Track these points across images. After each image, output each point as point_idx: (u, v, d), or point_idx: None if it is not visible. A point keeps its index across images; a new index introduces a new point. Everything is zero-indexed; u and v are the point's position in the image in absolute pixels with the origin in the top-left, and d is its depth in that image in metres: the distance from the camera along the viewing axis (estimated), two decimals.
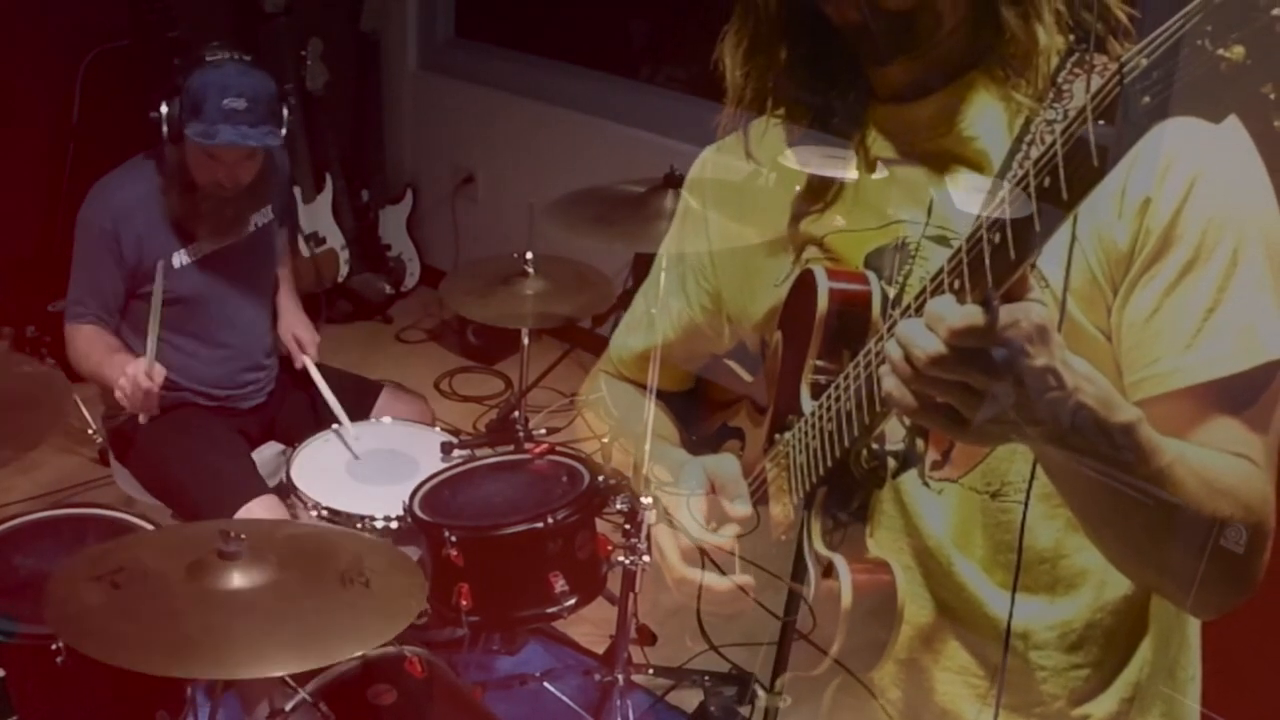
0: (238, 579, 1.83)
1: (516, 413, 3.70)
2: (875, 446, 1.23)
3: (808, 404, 1.34)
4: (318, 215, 4.95)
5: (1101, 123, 0.88)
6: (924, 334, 1.00)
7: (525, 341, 3.49)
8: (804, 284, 1.36)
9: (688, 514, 1.50)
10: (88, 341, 3.01)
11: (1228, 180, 1.22)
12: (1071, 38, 1.28)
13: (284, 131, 2.99)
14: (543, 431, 3.13)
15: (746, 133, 1.47)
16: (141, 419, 2.87)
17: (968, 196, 1.30)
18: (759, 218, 1.52)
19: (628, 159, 3.93)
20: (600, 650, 3.01)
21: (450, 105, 5.40)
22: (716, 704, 1.56)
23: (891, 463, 1.23)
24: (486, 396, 4.82)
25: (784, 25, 1.36)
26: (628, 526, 2.20)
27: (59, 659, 1.97)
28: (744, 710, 1.46)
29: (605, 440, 1.91)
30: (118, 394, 2.81)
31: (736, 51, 1.39)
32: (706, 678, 1.57)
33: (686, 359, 1.71)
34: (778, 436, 1.42)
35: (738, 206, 1.56)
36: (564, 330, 4.49)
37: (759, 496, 1.47)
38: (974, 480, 1.35)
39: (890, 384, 1.05)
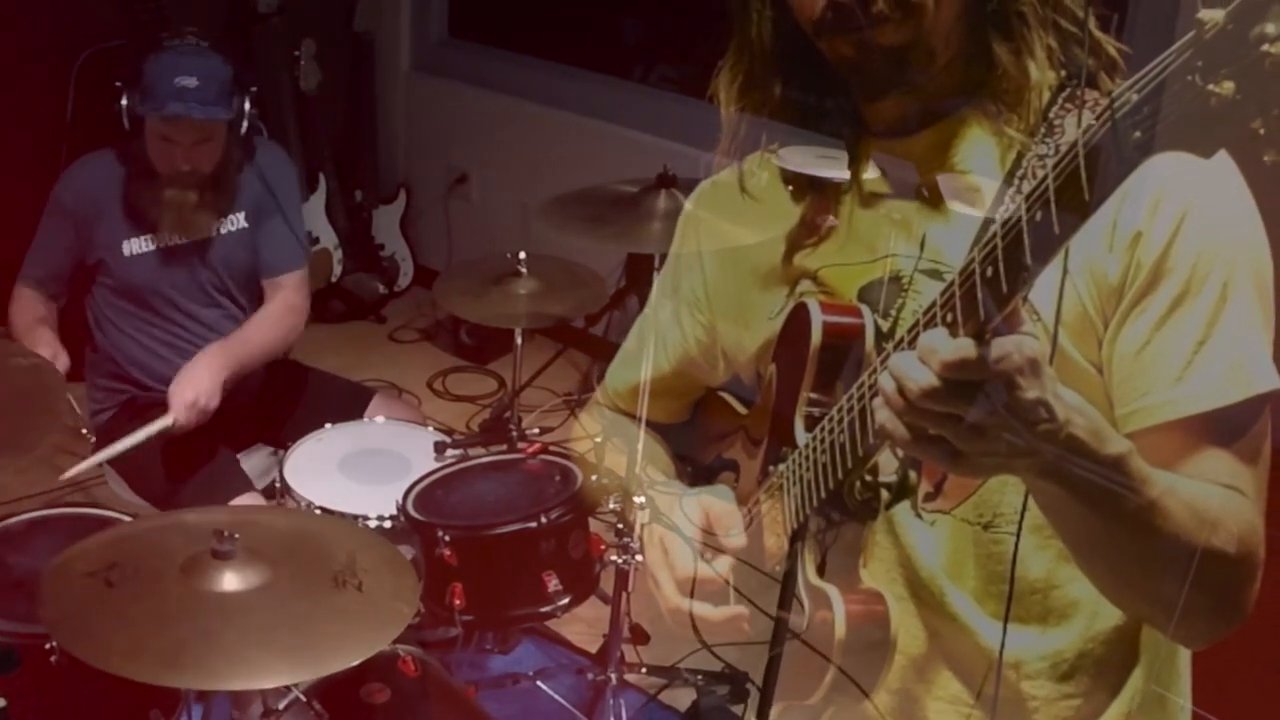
0: (231, 580, 1.83)
1: (509, 412, 3.71)
2: (868, 478, 1.23)
3: (802, 436, 1.35)
4: (311, 215, 4.95)
5: (1093, 157, 0.88)
6: (916, 367, 1.00)
7: (518, 341, 3.49)
8: (798, 317, 1.38)
9: (681, 514, 1.51)
10: (24, 304, 3.11)
11: (1218, 214, 1.23)
12: (1063, 73, 1.29)
13: (244, 120, 3.02)
14: (536, 431, 3.14)
15: (741, 168, 1.49)
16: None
17: (960, 231, 1.31)
18: (753, 252, 1.53)
19: (621, 159, 3.94)
20: (593, 649, 3.01)
21: (444, 105, 5.40)
22: (709, 703, 1.57)
23: (884, 494, 1.23)
24: (479, 396, 4.83)
25: (778, 61, 1.38)
26: (620, 526, 2.21)
27: (53, 658, 1.97)
28: (737, 709, 1.47)
29: (598, 440, 1.92)
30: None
31: (731, 87, 1.41)
32: (699, 677, 1.57)
33: (682, 392, 1.72)
34: (772, 468, 1.42)
35: (732, 240, 1.57)
36: (557, 330, 4.51)
37: (753, 528, 1.48)
38: (966, 512, 1.37)
39: (883, 416, 1.06)
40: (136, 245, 3.06)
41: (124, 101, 2.94)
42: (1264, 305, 1.25)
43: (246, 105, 3.00)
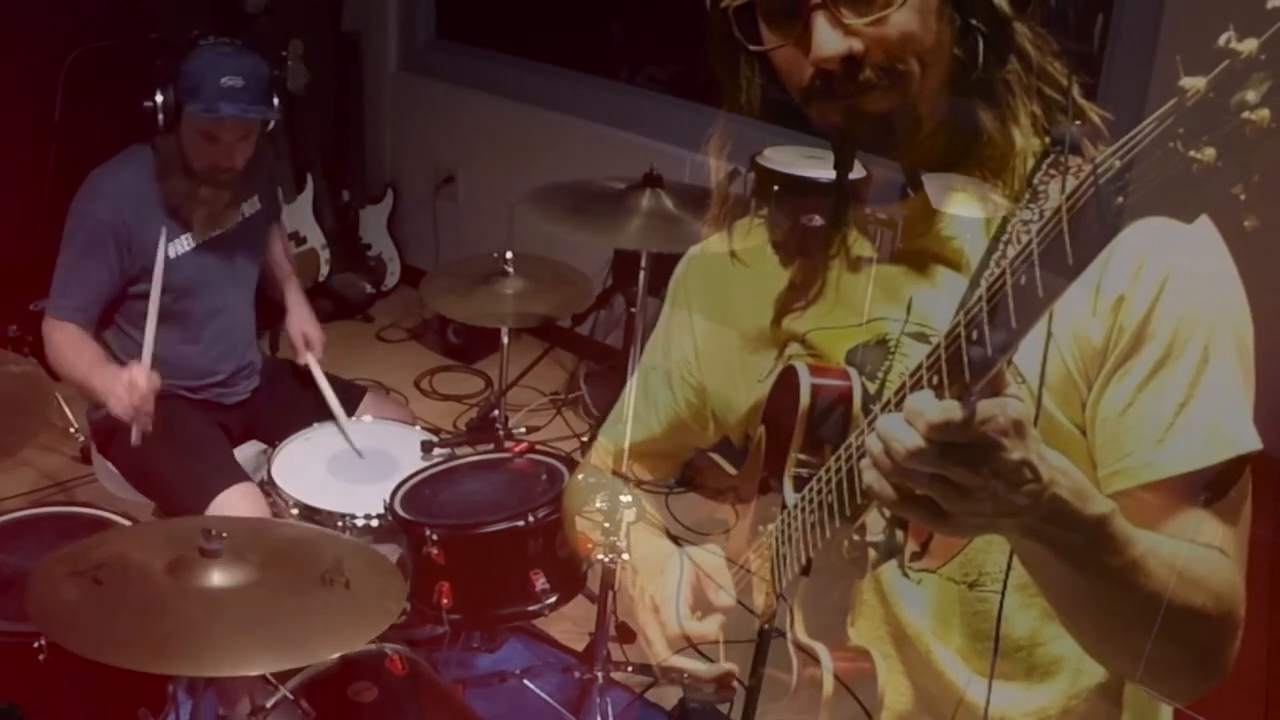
0: (218, 577, 1.84)
1: (496, 411, 3.72)
2: (856, 538, 1.24)
3: (790, 496, 1.36)
4: (298, 215, 4.96)
5: (1076, 222, 0.89)
6: (903, 428, 1.01)
7: (505, 340, 3.50)
8: (786, 380, 1.39)
9: (670, 513, 1.52)
10: (71, 344, 2.96)
11: (1199, 279, 1.25)
12: (1047, 140, 1.30)
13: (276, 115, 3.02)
14: (522, 430, 3.15)
15: (731, 232, 1.50)
16: (135, 437, 2.81)
17: (946, 294, 1.32)
18: (742, 315, 1.54)
19: (608, 159, 3.94)
20: (580, 648, 3.03)
21: (431, 105, 5.40)
22: (695, 701, 1.58)
23: (872, 553, 1.24)
24: (467, 395, 4.83)
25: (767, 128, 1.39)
26: (607, 525, 2.21)
27: (41, 656, 1.98)
28: (723, 708, 1.48)
29: (585, 439, 1.94)
30: (112, 402, 2.78)
31: (721, 153, 1.42)
32: (686, 675, 1.58)
33: (672, 453, 1.74)
34: (761, 528, 1.44)
35: (722, 304, 1.58)
36: (543, 329, 4.51)
37: (743, 587, 1.50)
38: (952, 570, 1.38)
39: (871, 477, 1.06)
40: (179, 245, 3.04)
41: (159, 99, 2.91)
42: (1244, 368, 1.27)
43: (276, 100, 3.02)
